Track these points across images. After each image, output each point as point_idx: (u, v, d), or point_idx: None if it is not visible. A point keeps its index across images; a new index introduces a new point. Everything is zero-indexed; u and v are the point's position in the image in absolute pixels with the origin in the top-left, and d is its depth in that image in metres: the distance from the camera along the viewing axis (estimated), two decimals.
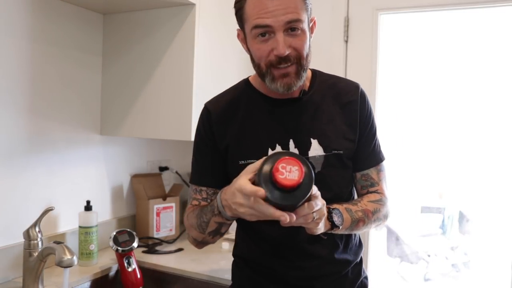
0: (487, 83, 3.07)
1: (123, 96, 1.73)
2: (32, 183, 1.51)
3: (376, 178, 1.16)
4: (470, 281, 3.35)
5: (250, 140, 1.11)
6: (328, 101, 1.12)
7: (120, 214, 1.91)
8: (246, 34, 1.05)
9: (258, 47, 1.02)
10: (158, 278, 1.64)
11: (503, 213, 3.11)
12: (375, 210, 1.12)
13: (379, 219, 1.14)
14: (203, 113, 1.18)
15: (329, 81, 1.16)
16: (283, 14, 0.96)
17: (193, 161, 1.20)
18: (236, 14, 1.07)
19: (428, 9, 1.93)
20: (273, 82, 1.03)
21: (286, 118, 1.11)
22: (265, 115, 1.12)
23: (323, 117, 1.10)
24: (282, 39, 0.98)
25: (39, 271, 1.31)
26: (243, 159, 1.09)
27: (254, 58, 1.06)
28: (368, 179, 1.16)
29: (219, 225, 1.06)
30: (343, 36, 2.02)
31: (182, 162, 2.22)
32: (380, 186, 1.16)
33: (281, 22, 0.97)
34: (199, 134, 1.18)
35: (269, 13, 0.97)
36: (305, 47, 1.02)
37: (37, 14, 1.50)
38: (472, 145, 3.33)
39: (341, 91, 1.14)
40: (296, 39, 1.00)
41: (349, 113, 1.12)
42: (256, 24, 0.99)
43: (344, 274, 1.15)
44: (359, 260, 1.21)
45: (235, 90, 1.19)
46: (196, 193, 1.17)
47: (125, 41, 1.71)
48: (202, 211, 1.09)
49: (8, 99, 1.43)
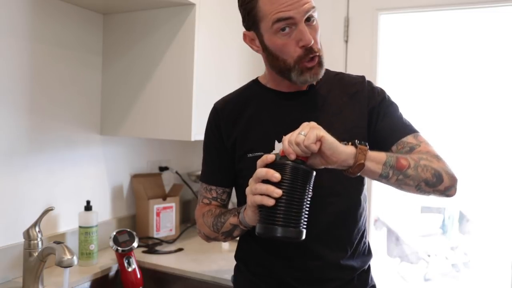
0: (487, 83, 3.07)
1: (123, 96, 1.73)
2: (32, 183, 1.51)
3: (414, 141, 1.04)
4: (470, 281, 3.35)
5: (257, 133, 1.11)
6: (335, 94, 1.12)
7: (120, 214, 1.91)
8: (262, 33, 1.05)
9: (283, 43, 1.01)
10: (158, 278, 1.64)
11: (503, 213, 3.11)
12: (421, 157, 0.98)
13: (436, 170, 0.97)
14: (211, 112, 1.20)
15: (336, 76, 1.17)
16: (302, 4, 0.98)
17: (203, 160, 1.22)
18: (249, 15, 1.05)
19: (428, 9, 1.93)
20: (301, 75, 1.03)
21: (293, 110, 1.11)
22: (272, 108, 1.12)
23: (330, 110, 1.10)
24: (306, 29, 0.99)
25: (39, 271, 1.31)
26: (250, 152, 1.09)
27: (278, 55, 1.04)
28: (405, 145, 1.04)
29: (233, 227, 1.08)
30: (343, 36, 2.03)
31: (182, 162, 2.22)
32: (422, 146, 1.03)
33: (302, 13, 0.98)
34: (207, 134, 1.20)
35: (289, 6, 0.97)
36: (318, 37, 1.04)
37: (37, 14, 1.50)
38: (472, 145, 3.33)
39: (348, 83, 1.14)
40: (313, 30, 1.02)
41: (357, 102, 1.11)
42: (278, 17, 0.98)
43: (349, 281, 1.12)
44: (367, 268, 1.17)
45: (244, 89, 1.20)
46: (206, 191, 1.20)
47: (125, 41, 1.71)
48: (223, 213, 1.11)
49: (8, 99, 1.43)
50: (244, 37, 1.11)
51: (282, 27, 0.99)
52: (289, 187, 0.88)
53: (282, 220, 0.87)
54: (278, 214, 0.88)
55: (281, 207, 0.88)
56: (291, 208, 0.88)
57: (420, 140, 1.05)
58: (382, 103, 1.11)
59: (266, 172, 0.89)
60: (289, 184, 0.88)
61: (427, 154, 1.01)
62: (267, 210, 0.89)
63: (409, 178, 0.95)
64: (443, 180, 0.98)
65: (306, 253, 1.08)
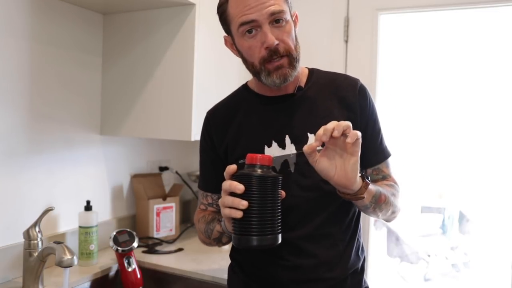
0: (487, 83, 3.07)
1: (123, 96, 1.73)
2: (32, 183, 1.51)
3: (387, 171, 1.16)
4: (470, 281, 3.35)
5: (247, 138, 1.12)
6: (324, 96, 1.12)
7: (120, 214, 1.91)
8: (233, 36, 1.07)
9: (248, 45, 1.03)
10: (158, 278, 1.64)
11: (503, 213, 3.12)
12: (391, 194, 1.09)
13: (395, 206, 1.11)
14: (204, 121, 1.22)
15: (327, 76, 1.16)
16: (266, 7, 0.99)
17: (199, 167, 1.25)
18: (220, 19, 1.09)
19: (428, 9, 1.93)
20: (269, 76, 1.04)
21: (281, 114, 1.11)
22: (260, 113, 1.13)
23: (319, 112, 1.09)
24: (269, 31, 1.00)
25: (39, 271, 1.31)
26: (241, 158, 1.09)
27: (246, 58, 1.07)
28: (379, 172, 1.15)
29: (220, 235, 1.10)
30: (343, 36, 2.02)
31: (182, 162, 2.22)
32: (392, 177, 1.17)
33: (265, 15, 0.99)
34: (201, 142, 1.22)
35: (252, 9, 0.99)
36: (292, 38, 1.04)
37: (37, 14, 1.50)
38: (472, 145, 3.33)
39: (339, 86, 1.13)
40: (281, 31, 1.02)
41: (347, 108, 1.10)
42: (241, 21, 1.01)
43: (342, 281, 1.11)
44: (360, 270, 1.17)
45: (233, 96, 1.21)
46: (203, 197, 1.22)
47: (125, 41, 1.71)
48: (212, 220, 1.13)
49: (8, 99, 1.43)
50: (224, 41, 1.13)
51: (248, 30, 1.01)
52: (255, 197, 0.88)
53: (254, 230, 0.88)
54: (248, 224, 0.88)
55: (252, 217, 0.88)
56: (261, 217, 0.88)
57: (390, 171, 1.17)
58: (374, 119, 1.14)
59: (229, 185, 0.90)
60: (255, 194, 0.88)
61: (394, 187, 1.14)
62: (239, 221, 0.89)
63: (380, 210, 1.06)
64: (395, 216, 1.16)
65: (299, 252, 1.08)
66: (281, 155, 1.07)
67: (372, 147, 1.13)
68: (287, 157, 1.07)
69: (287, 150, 1.08)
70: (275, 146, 1.08)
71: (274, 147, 1.08)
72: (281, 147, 1.08)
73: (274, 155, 1.07)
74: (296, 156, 1.07)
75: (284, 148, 1.08)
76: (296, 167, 1.07)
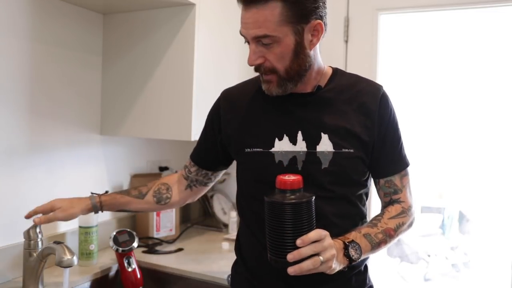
0: (487, 83, 3.07)
1: (123, 96, 1.73)
2: (32, 183, 1.51)
3: (399, 185, 1.14)
4: (470, 281, 3.35)
5: (255, 128, 1.12)
6: (344, 99, 1.10)
7: (120, 214, 1.90)
8: None
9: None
10: (158, 278, 1.64)
11: (503, 213, 3.12)
12: (397, 226, 1.10)
13: (402, 232, 1.13)
14: (217, 99, 1.25)
15: (350, 80, 1.15)
16: (251, 28, 1.00)
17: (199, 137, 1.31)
18: None
19: (428, 9, 1.93)
20: (262, 84, 1.09)
21: (297, 110, 1.10)
22: (276, 106, 1.12)
23: (336, 114, 1.09)
24: (253, 50, 1.03)
25: (39, 271, 1.31)
26: (248, 147, 1.11)
27: None
28: (391, 185, 1.14)
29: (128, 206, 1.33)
30: (343, 36, 2.02)
31: (182, 162, 2.19)
32: (403, 193, 1.14)
33: (249, 36, 1.02)
34: (208, 116, 1.26)
35: (243, 24, 1.02)
36: (281, 57, 1.02)
37: (37, 14, 1.50)
38: (472, 145, 3.33)
39: (360, 91, 1.12)
40: (269, 51, 1.02)
41: (366, 115, 1.09)
42: (240, 31, 1.05)
43: (347, 280, 1.12)
44: (364, 269, 1.17)
45: (250, 81, 1.22)
46: (187, 164, 1.32)
47: (125, 41, 1.71)
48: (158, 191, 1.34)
49: (8, 99, 1.43)
50: None
51: (245, 40, 1.06)
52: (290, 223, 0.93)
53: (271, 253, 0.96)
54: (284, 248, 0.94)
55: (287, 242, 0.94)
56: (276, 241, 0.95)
57: (404, 184, 1.15)
58: (394, 129, 1.14)
59: None
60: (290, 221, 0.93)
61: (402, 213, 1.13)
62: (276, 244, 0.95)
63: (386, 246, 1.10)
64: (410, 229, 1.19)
65: None
66: (290, 151, 1.07)
67: (388, 157, 1.12)
68: (297, 153, 1.07)
69: (297, 147, 1.07)
70: (286, 140, 1.08)
71: (285, 141, 1.08)
72: (292, 142, 1.08)
73: (284, 150, 1.07)
74: (306, 154, 1.06)
75: (295, 144, 1.07)
76: (303, 165, 1.06)
